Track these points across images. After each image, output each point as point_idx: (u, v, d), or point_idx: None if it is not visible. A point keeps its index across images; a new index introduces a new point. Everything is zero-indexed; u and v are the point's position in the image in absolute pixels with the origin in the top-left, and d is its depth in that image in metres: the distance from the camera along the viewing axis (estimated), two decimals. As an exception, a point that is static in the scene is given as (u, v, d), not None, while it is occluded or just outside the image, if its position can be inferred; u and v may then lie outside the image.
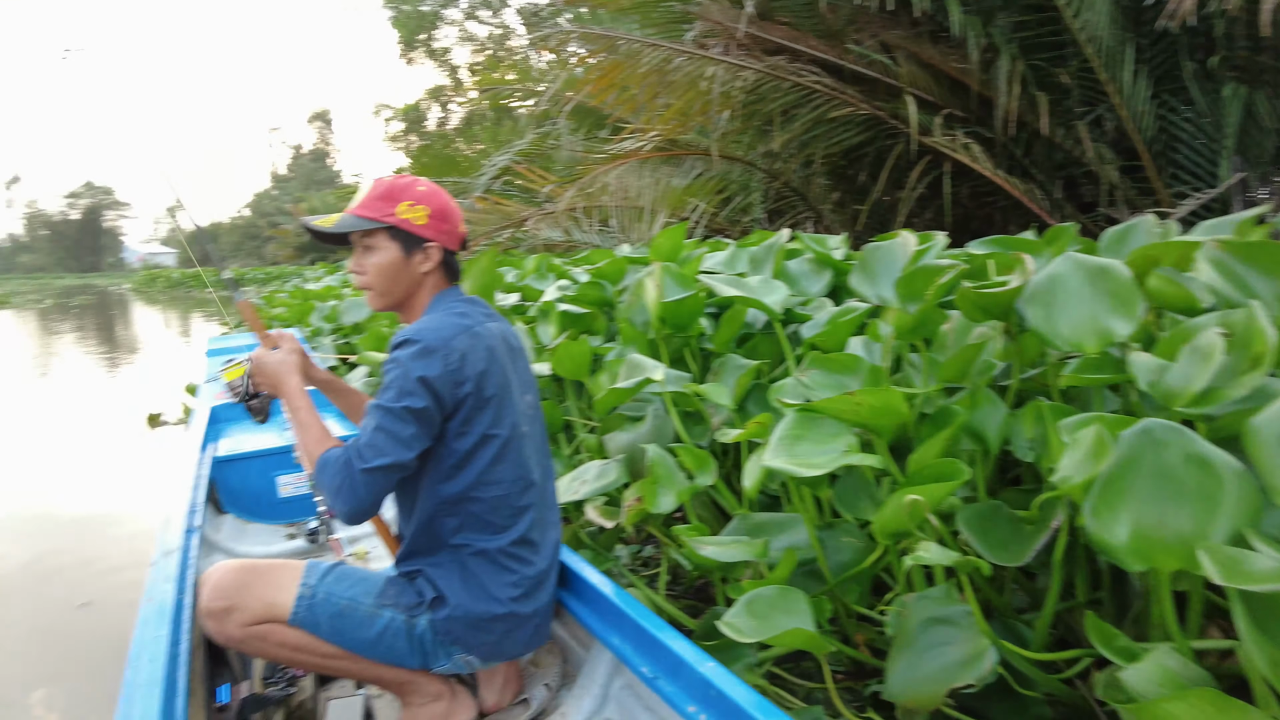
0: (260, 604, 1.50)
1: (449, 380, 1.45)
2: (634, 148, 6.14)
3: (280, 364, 1.67)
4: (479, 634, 1.55)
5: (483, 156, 10.63)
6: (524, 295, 4.50)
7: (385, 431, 1.42)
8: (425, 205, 1.57)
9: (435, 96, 36.33)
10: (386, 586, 1.57)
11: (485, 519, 1.53)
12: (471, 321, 1.54)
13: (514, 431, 1.56)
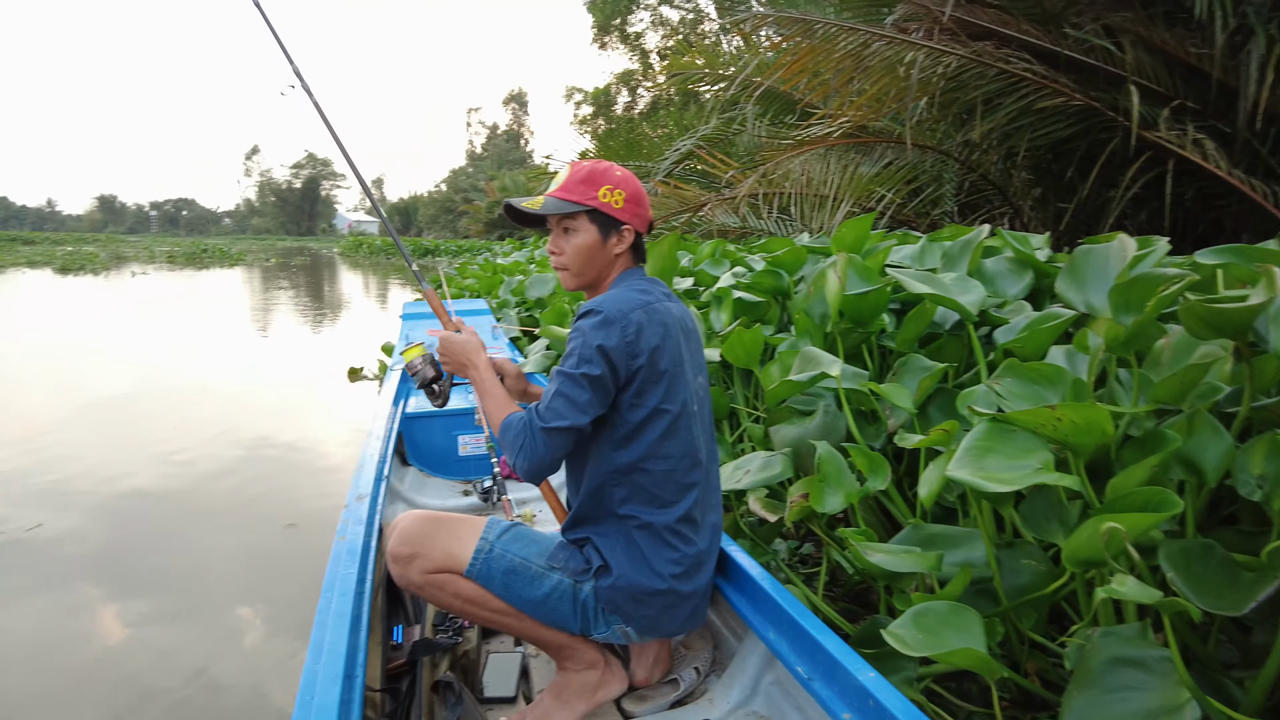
0: (441, 553, 1.60)
1: (624, 351, 1.51)
2: (822, 134, 5.96)
3: (467, 343, 1.80)
4: (639, 606, 1.58)
5: (666, 141, 10.74)
6: (698, 280, 4.51)
7: (564, 396, 1.51)
8: (622, 190, 1.64)
9: (625, 81, 37.09)
10: (558, 550, 1.64)
11: (652, 492, 1.56)
12: (651, 299, 1.60)
13: (684, 409, 1.58)
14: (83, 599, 3.04)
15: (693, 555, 1.60)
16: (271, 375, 7.80)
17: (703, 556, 1.63)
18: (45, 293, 16.95)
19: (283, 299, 16.42)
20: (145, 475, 4.48)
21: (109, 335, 10.60)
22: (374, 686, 1.74)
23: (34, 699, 2.39)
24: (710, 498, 1.69)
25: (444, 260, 28.57)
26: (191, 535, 3.71)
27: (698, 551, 1.61)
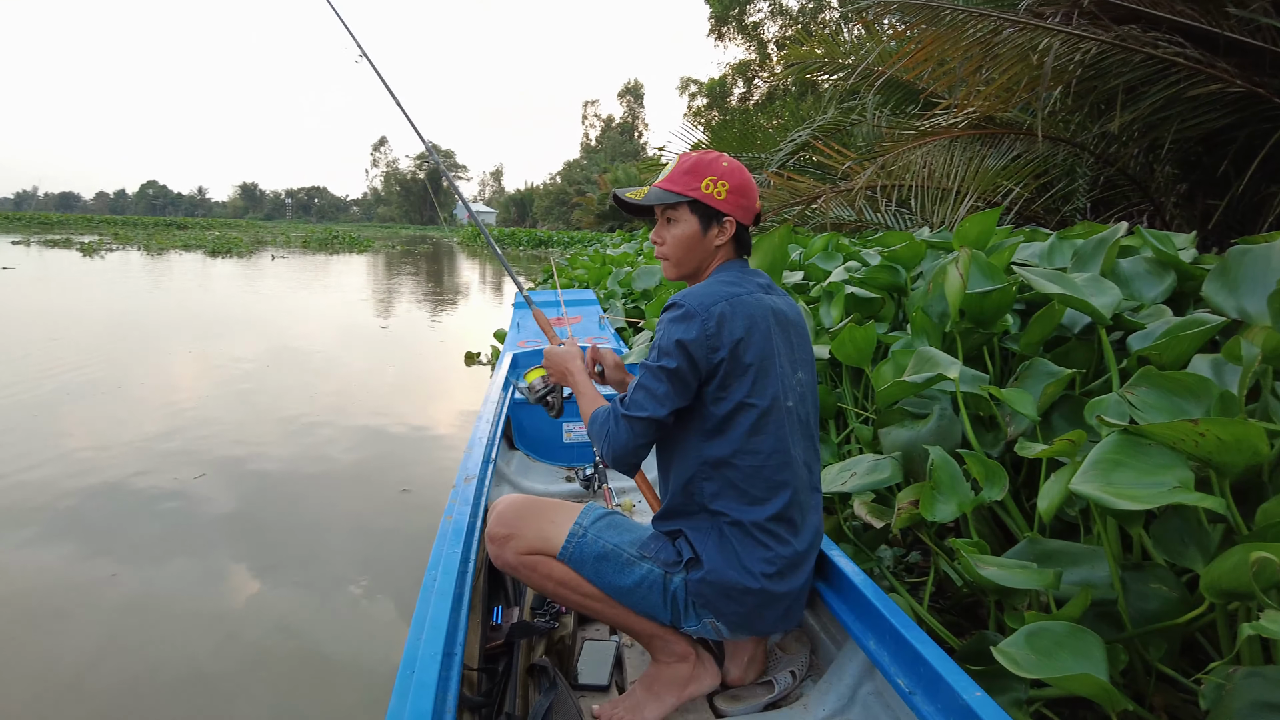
0: (536, 536, 1.64)
1: (704, 345, 1.51)
2: (946, 125, 5.71)
3: (565, 353, 1.93)
4: (730, 603, 1.56)
5: (781, 132, 10.55)
6: (808, 275, 4.41)
7: (644, 388, 1.55)
8: (726, 181, 1.63)
9: (741, 72, 36.76)
10: (650, 540, 1.64)
11: (742, 488, 1.54)
12: (739, 290, 1.58)
13: (774, 404, 1.55)
14: (214, 556, 3.27)
15: (787, 556, 1.56)
16: (394, 355, 8.19)
17: (799, 558, 1.59)
18: (200, 273, 18.40)
19: (407, 284, 17.24)
20: (274, 441, 4.81)
21: (250, 312, 11.44)
22: (472, 665, 1.79)
23: (162, 651, 2.59)
24: (809, 498, 1.65)
25: (556, 251, 29.20)
26: (311, 502, 3.94)
27: (793, 552, 1.57)
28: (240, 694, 2.35)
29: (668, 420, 1.56)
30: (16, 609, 2.80)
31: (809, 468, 1.66)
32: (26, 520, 3.55)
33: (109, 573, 3.09)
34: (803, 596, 1.65)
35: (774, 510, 1.54)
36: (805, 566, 1.62)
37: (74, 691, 2.34)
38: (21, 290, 12.93)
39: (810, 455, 1.67)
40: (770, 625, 1.63)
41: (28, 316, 9.81)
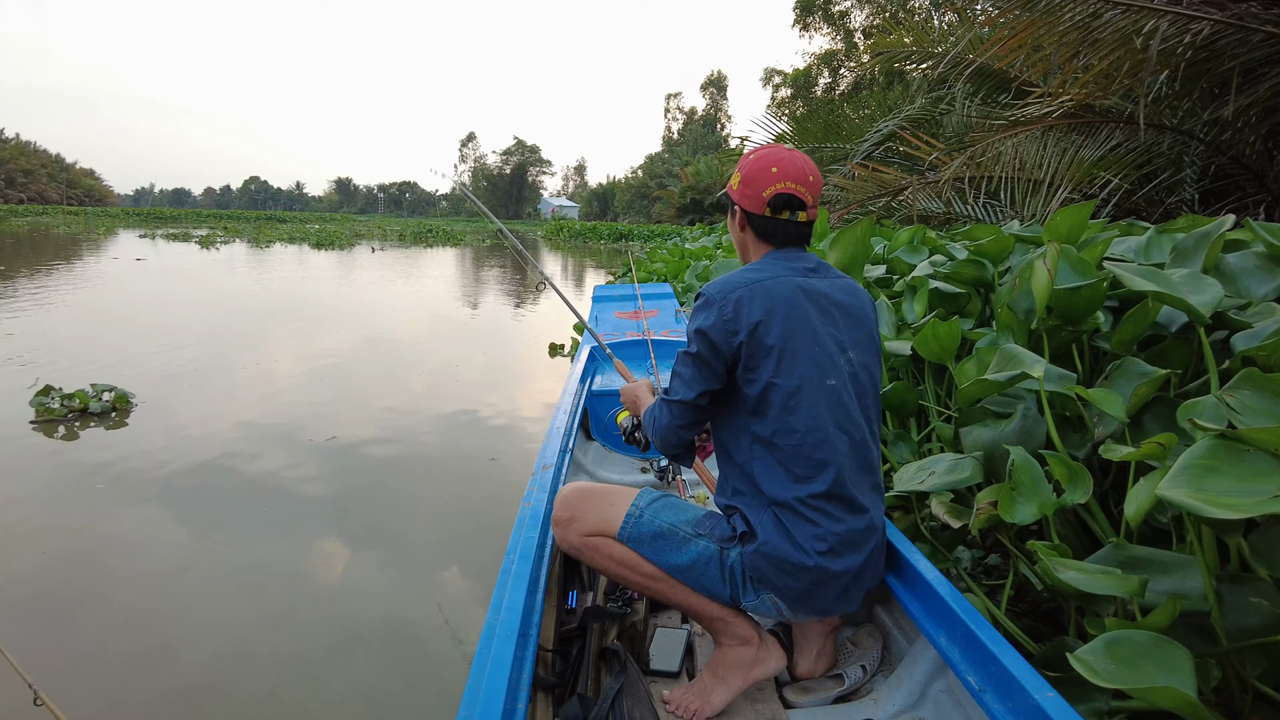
0: (596, 518, 1.72)
1: (722, 330, 1.57)
2: (1039, 114, 5.48)
3: (635, 388, 2.15)
4: (785, 578, 1.57)
5: (867, 123, 10.32)
6: (891, 268, 4.32)
7: (676, 374, 1.68)
8: (739, 171, 1.72)
9: (826, 62, 36.07)
10: (705, 518, 1.70)
11: (786, 466, 1.57)
12: (762, 276, 1.63)
13: (806, 383, 1.56)
14: (313, 534, 3.45)
15: (840, 533, 1.56)
16: (482, 345, 8.51)
17: (854, 537, 1.58)
18: (305, 264, 19.54)
19: (494, 275, 17.77)
20: (368, 425, 5.05)
21: (352, 301, 12.18)
22: (547, 646, 1.85)
23: (254, 622, 2.75)
24: (863, 478, 1.63)
25: (636, 244, 29.34)
26: (403, 484, 4.13)
27: (847, 530, 1.57)
28: (329, 664, 2.48)
29: (701, 403, 1.66)
30: (126, 576, 3.02)
31: (863, 447, 1.64)
32: (142, 493, 3.82)
33: (213, 544, 3.30)
34: (863, 579, 1.63)
35: (820, 488, 1.55)
36: (863, 547, 1.61)
37: (173, 653, 2.52)
38: (154, 280, 14.47)
39: (864, 434, 1.64)
40: (828, 604, 1.63)
41: (159, 303, 10.98)
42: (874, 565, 1.66)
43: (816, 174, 1.69)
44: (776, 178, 1.65)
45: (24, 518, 3.51)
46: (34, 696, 1.78)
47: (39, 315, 9.19)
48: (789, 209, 1.67)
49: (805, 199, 1.67)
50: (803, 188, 1.66)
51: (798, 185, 1.65)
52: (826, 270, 1.72)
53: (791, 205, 1.67)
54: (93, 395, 5.13)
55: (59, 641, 2.59)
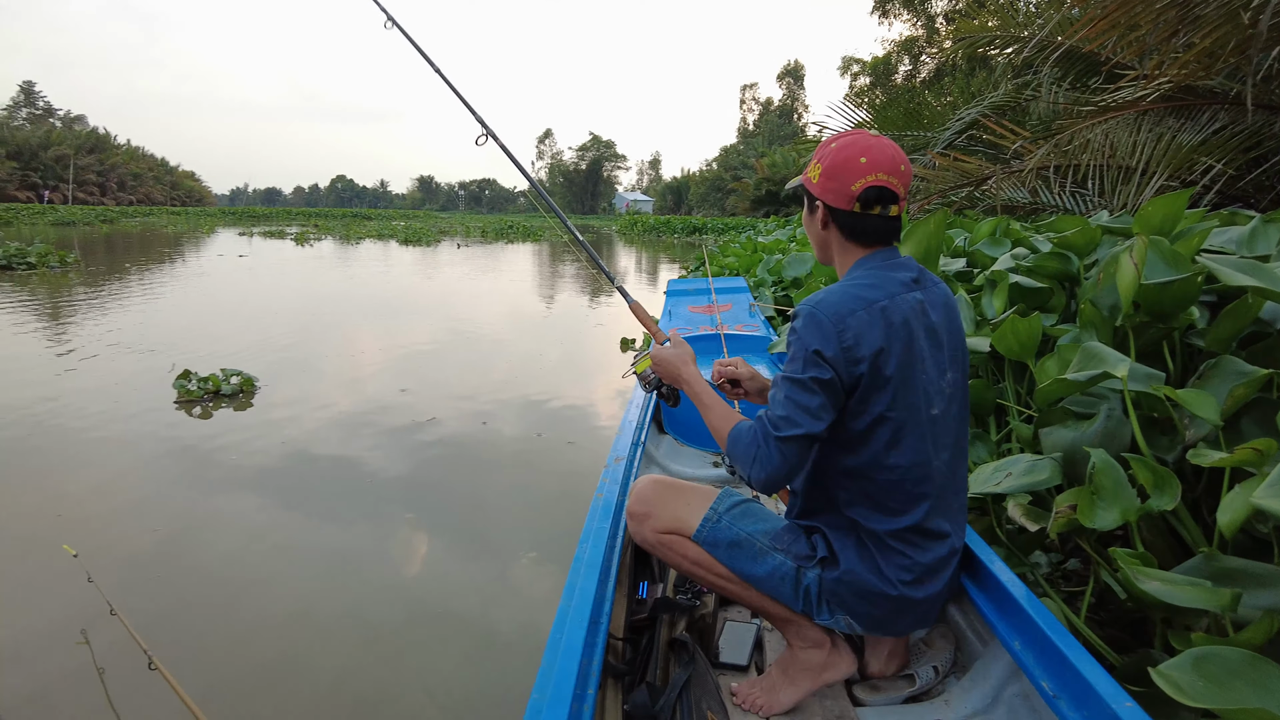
0: (671, 516, 1.69)
1: (843, 358, 1.41)
2: (1133, 97, 5.20)
3: (675, 356, 1.82)
4: (865, 605, 1.54)
5: (949, 111, 10.00)
6: (972, 261, 4.19)
7: (795, 403, 1.42)
8: (821, 164, 1.52)
9: (906, 49, 35.13)
10: (783, 532, 1.62)
11: (879, 500, 1.48)
12: (878, 295, 1.45)
13: (914, 415, 1.45)
14: (396, 519, 3.59)
15: (926, 563, 1.50)
16: (557, 338, 8.71)
17: (939, 564, 1.53)
18: (393, 260, 20.51)
19: (571, 270, 18.13)
20: (449, 414, 5.24)
21: (437, 295, 12.91)
22: (618, 635, 1.88)
23: (340, 601, 2.86)
24: (952, 502, 1.57)
25: (710, 238, 29.22)
26: (482, 471, 4.28)
27: (934, 559, 1.51)
28: (410, 646, 2.57)
29: (824, 434, 1.45)
30: (225, 561, 3.19)
31: (956, 472, 1.57)
32: (266, 467, 4.07)
33: (305, 526, 3.48)
34: (943, 597, 1.60)
35: (912, 522, 1.48)
36: (945, 571, 1.56)
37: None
38: (258, 275, 15.83)
39: (957, 458, 1.57)
40: (905, 629, 1.61)
41: (264, 296, 12.24)
42: (953, 582, 1.62)
43: (907, 162, 1.50)
44: (866, 168, 1.47)
45: (161, 489, 3.96)
46: (148, 661, 1.92)
47: (163, 306, 10.47)
48: (880, 203, 1.49)
49: (897, 191, 1.48)
50: (894, 178, 1.47)
51: (889, 176, 1.47)
52: (925, 279, 1.56)
53: (883, 199, 1.48)
54: (223, 379, 5.75)
55: (178, 604, 2.84)
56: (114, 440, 4.64)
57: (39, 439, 4.62)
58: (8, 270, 14.20)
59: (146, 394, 5.65)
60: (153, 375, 6.16)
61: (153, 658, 1.93)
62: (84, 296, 11.11)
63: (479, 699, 2.34)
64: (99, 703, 2.18)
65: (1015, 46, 7.67)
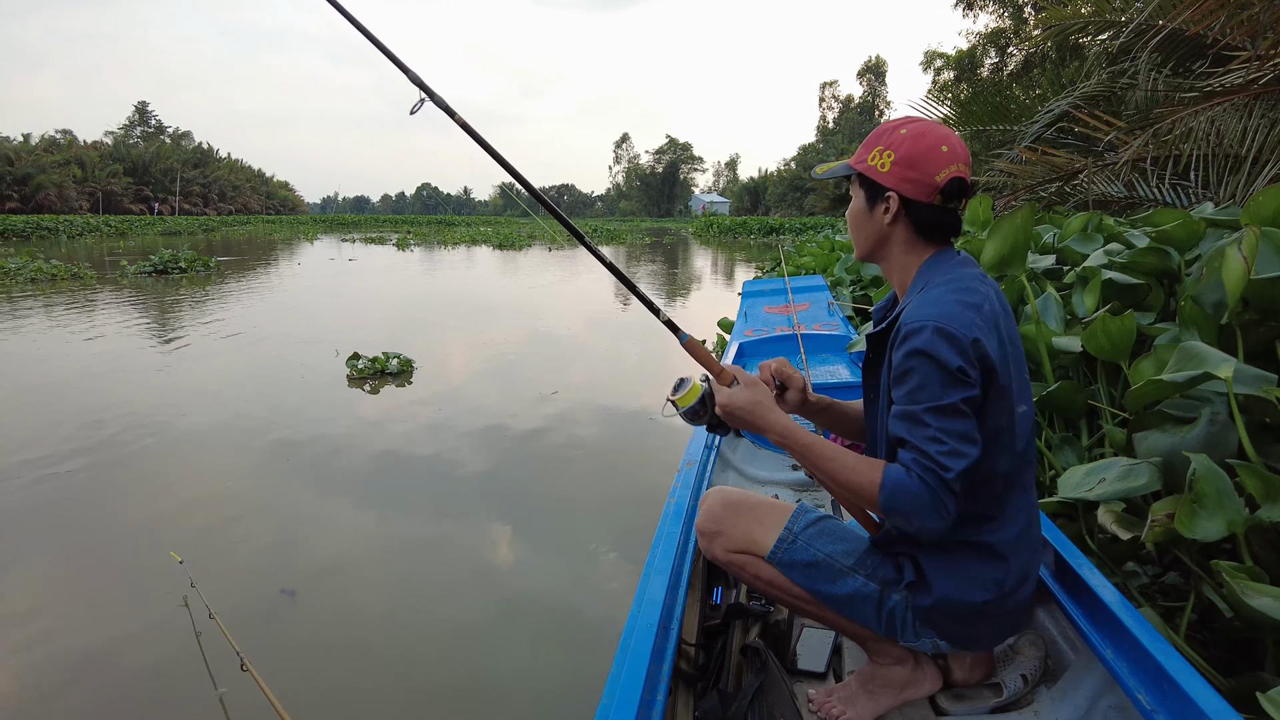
0: (743, 536, 1.58)
1: (980, 370, 1.30)
2: (1243, 81, 4.87)
3: (753, 404, 1.51)
4: (957, 625, 1.46)
5: (1037, 104, 9.60)
6: (1062, 258, 4.00)
7: (952, 433, 1.26)
8: (893, 151, 1.41)
9: (993, 41, 33.96)
10: (866, 554, 1.52)
11: (987, 511, 1.40)
12: (977, 298, 1.35)
13: (1009, 416, 1.36)
14: (476, 516, 3.68)
15: (1018, 571, 1.43)
16: (634, 339, 8.87)
17: (1028, 570, 1.46)
18: (490, 264, 21.75)
19: (652, 271, 18.61)
20: (528, 415, 5.35)
21: (545, 294, 14.20)
22: (689, 640, 1.86)
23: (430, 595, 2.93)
24: (1035, 508, 1.50)
25: (787, 238, 28.91)
26: (562, 470, 4.34)
27: (1023, 565, 1.44)
28: (495, 642, 2.62)
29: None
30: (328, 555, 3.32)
31: (1033, 474, 1.50)
32: (334, 482, 4.20)
33: (395, 521, 3.62)
34: (1029, 606, 1.52)
35: (1014, 532, 1.41)
36: (1032, 578, 1.49)
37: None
38: (373, 276, 17.83)
39: (1034, 460, 1.50)
40: (993, 640, 1.54)
41: (384, 293, 13.99)
42: (1034, 590, 1.54)
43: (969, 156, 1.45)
44: (949, 157, 1.38)
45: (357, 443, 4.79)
46: (240, 663, 1.99)
47: (302, 302, 12.41)
48: (961, 196, 1.42)
49: (970, 185, 1.43)
50: (969, 170, 1.41)
51: (966, 168, 1.41)
52: (988, 279, 1.47)
53: (962, 191, 1.41)
54: (387, 360, 6.71)
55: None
56: (313, 405, 5.73)
57: (256, 405, 5.72)
58: (164, 274, 16.30)
59: (321, 373, 6.72)
60: (321, 358, 7.30)
61: (244, 660, 1.99)
62: (235, 295, 13.18)
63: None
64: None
65: (1111, 32, 7.31)
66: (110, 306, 11.11)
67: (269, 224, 60.01)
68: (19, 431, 4.93)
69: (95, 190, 69.00)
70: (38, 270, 15.60)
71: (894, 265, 1.51)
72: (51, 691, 2.36)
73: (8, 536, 3.44)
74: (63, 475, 4.13)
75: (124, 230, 41.51)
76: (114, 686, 2.39)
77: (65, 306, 11.01)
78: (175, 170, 77.63)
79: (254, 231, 44.63)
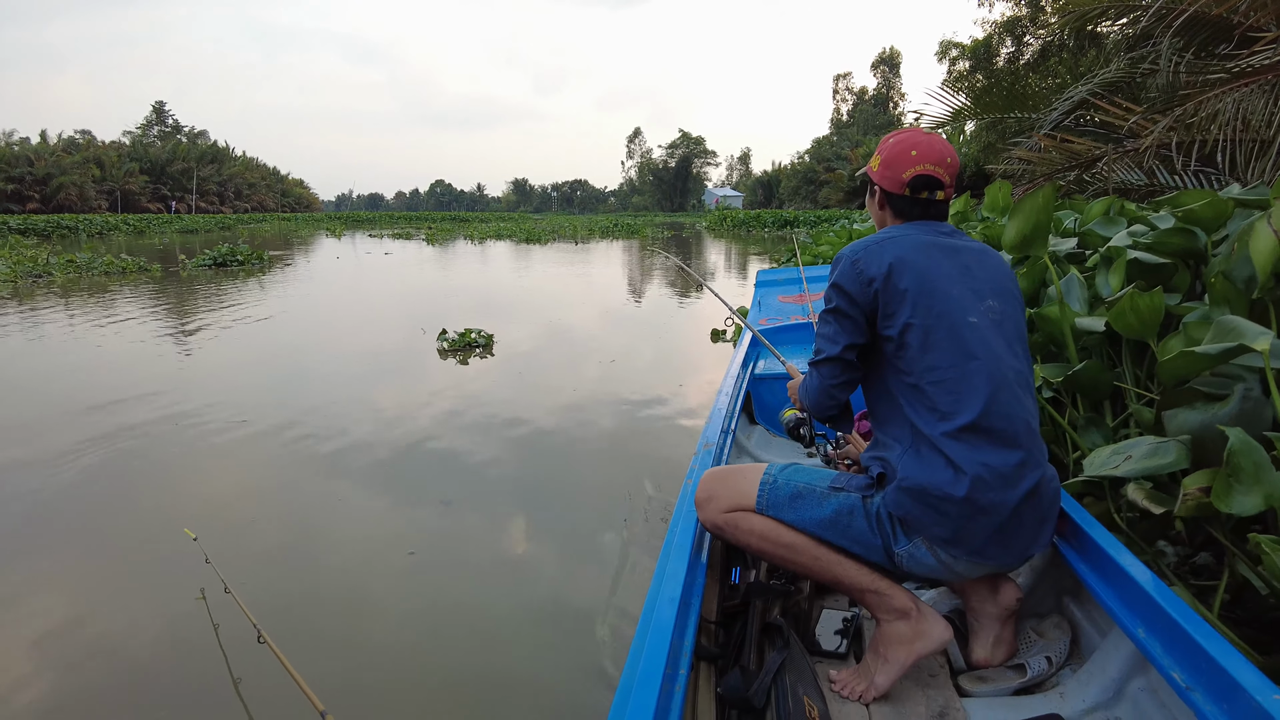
0: (732, 493, 1.78)
1: (855, 280, 1.65)
2: (1271, 61, 4.78)
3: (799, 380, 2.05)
4: (929, 512, 1.54)
5: (1055, 92, 9.48)
6: (1084, 242, 3.94)
7: (820, 335, 1.75)
8: (880, 155, 1.83)
9: (1009, 29, 33.66)
10: (840, 475, 1.74)
11: (931, 402, 1.58)
12: (893, 234, 1.73)
13: (944, 320, 1.60)
14: (495, 510, 3.67)
15: (987, 464, 1.51)
16: (651, 331, 9.01)
17: (1006, 470, 1.52)
18: (527, 256, 22.15)
19: (670, 265, 18.44)
20: (542, 412, 5.32)
21: (581, 285, 14.56)
22: (710, 619, 1.87)
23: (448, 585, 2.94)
24: (1015, 412, 1.58)
25: (801, 231, 28.84)
26: (576, 467, 4.32)
27: (998, 463, 1.52)
28: (512, 635, 2.62)
29: (848, 357, 1.71)
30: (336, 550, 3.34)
31: (1014, 385, 1.61)
32: (348, 471, 4.23)
33: (418, 513, 3.64)
34: (1023, 524, 1.55)
35: (966, 420, 1.54)
36: (1017, 484, 1.53)
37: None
38: (414, 267, 18.84)
39: (1014, 372, 1.62)
40: (981, 544, 1.55)
41: (430, 283, 14.98)
42: (1035, 513, 1.57)
43: (955, 157, 1.77)
44: (916, 160, 1.75)
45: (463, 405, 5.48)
46: (257, 635, 2.00)
47: (365, 289, 13.80)
48: (928, 189, 1.77)
49: (943, 179, 1.76)
50: (940, 169, 1.75)
51: (935, 167, 1.74)
52: (959, 234, 1.79)
53: (930, 186, 1.76)
54: (474, 334, 7.66)
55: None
56: (419, 370, 6.78)
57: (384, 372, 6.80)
58: (224, 266, 17.20)
59: (415, 346, 7.71)
60: (409, 335, 8.32)
61: (261, 632, 2.00)
62: (299, 283, 14.51)
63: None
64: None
65: (1130, 17, 7.21)
66: (202, 295, 12.14)
67: (285, 221, 60.41)
68: (257, 398, 5.72)
69: (114, 189, 69.51)
70: (109, 263, 16.30)
71: None
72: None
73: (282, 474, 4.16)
74: (288, 426, 4.94)
75: (141, 229, 41.97)
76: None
77: (155, 296, 12.00)
78: (192, 169, 78.13)
79: (274, 229, 45.19)
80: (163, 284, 13.75)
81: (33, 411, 5.28)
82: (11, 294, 12.10)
